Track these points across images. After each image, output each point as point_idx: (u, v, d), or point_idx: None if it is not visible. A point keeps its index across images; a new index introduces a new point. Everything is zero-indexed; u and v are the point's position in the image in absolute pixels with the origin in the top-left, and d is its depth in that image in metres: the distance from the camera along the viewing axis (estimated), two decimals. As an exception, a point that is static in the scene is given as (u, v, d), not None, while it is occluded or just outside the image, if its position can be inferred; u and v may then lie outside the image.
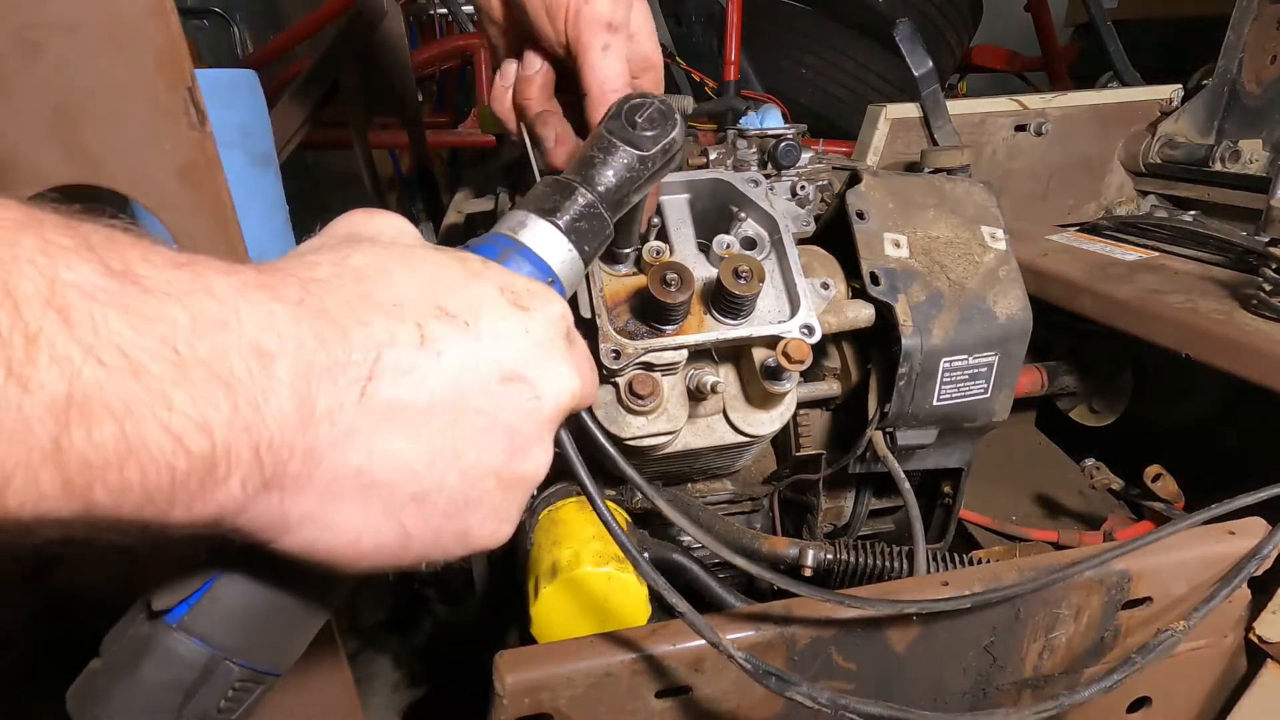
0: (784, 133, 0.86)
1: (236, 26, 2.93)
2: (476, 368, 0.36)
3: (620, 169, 0.49)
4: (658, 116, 0.50)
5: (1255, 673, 0.72)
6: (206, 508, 0.31)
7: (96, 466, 0.27)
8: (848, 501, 0.94)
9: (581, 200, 0.47)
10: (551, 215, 0.46)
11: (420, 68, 2.28)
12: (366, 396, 0.33)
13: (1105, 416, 1.15)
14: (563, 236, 0.45)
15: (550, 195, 0.47)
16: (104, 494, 0.28)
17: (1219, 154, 1.18)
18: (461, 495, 0.37)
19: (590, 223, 0.47)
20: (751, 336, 0.70)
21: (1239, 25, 1.20)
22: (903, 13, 2.22)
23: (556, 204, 0.46)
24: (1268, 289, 0.80)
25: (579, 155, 0.50)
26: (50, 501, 0.27)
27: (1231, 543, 0.67)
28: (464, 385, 0.36)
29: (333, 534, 0.35)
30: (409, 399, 0.35)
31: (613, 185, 0.48)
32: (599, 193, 0.48)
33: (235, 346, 0.30)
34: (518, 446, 0.39)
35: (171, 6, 0.39)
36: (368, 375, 0.33)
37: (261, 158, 0.98)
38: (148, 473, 0.28)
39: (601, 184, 0.48)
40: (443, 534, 0.38)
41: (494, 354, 0.37)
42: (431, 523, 0.37)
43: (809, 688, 0.52)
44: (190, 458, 0.29)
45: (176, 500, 0.30)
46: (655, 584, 0.50)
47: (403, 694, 1.08)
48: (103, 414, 0.27)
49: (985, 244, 0.80)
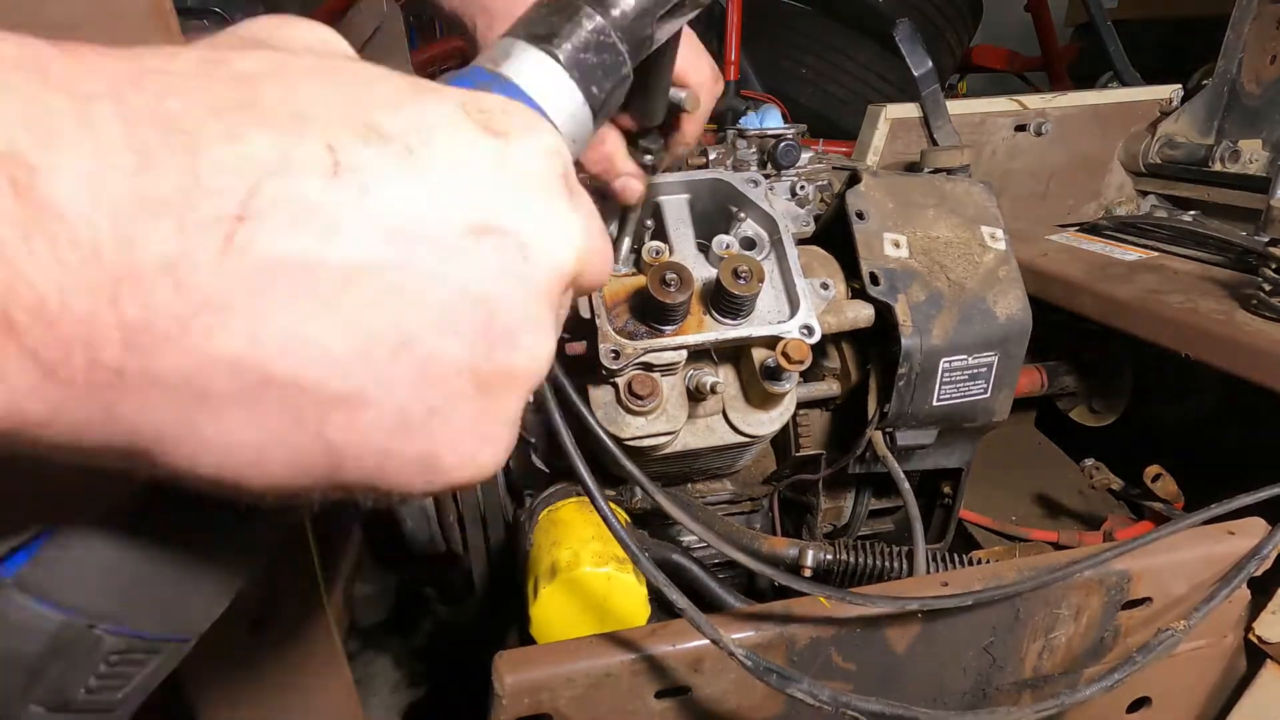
0: (783, 133, 0.86)
1: (236, 27, 2.93)
2: (427, 213, 0.24)
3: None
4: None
5: (1255, 673, 0.72)
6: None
7: None
8: (847, 502, 0.94)
9: (589, 24, 0.34)
10: (546, 42, 0.33)
11: (420, 68, 2.28)
12: (236, 248, 0.21)
13: (1105, 416, 1.15)
14: (562, 71, 0.33)
15: (546, 17, 0.34)
16: None
17: (1219, 154, 1.18)
18: (419, 401, 0.25)
19: (601, 55, 0.34)
20: (751, 337, 0.70)
21: (1239, 25, 1.20)
22: (903, 13, 2.22)
23: (554, 27, 0.34)
24: (1267, 289, 0.80)
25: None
26: None
27: (1231, 543, 0.67)
28: (406, 235, 0.24)
29: (216, 452, 0.24)
30: (311, 253, 0.22)
31: (631, 5, 0.35)
32: (612, 16, 0.35)
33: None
34: (501, 329, 0.26)
35: (170, 8, 0.39)
36: (236, 214, 0.21)
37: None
38: None
39: (616, 2, 0.35)
40: (393, 457, 0.26)
41: (455, 192, 0.25)
42: (373, 440, 0.25)
43: (810, 685, 0.52)
44: None
45: None
46: (655, 580, 0.50)
47: (403, 694, 1.08)
48: None
49: (985, 244, 0.80)
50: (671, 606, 0.52)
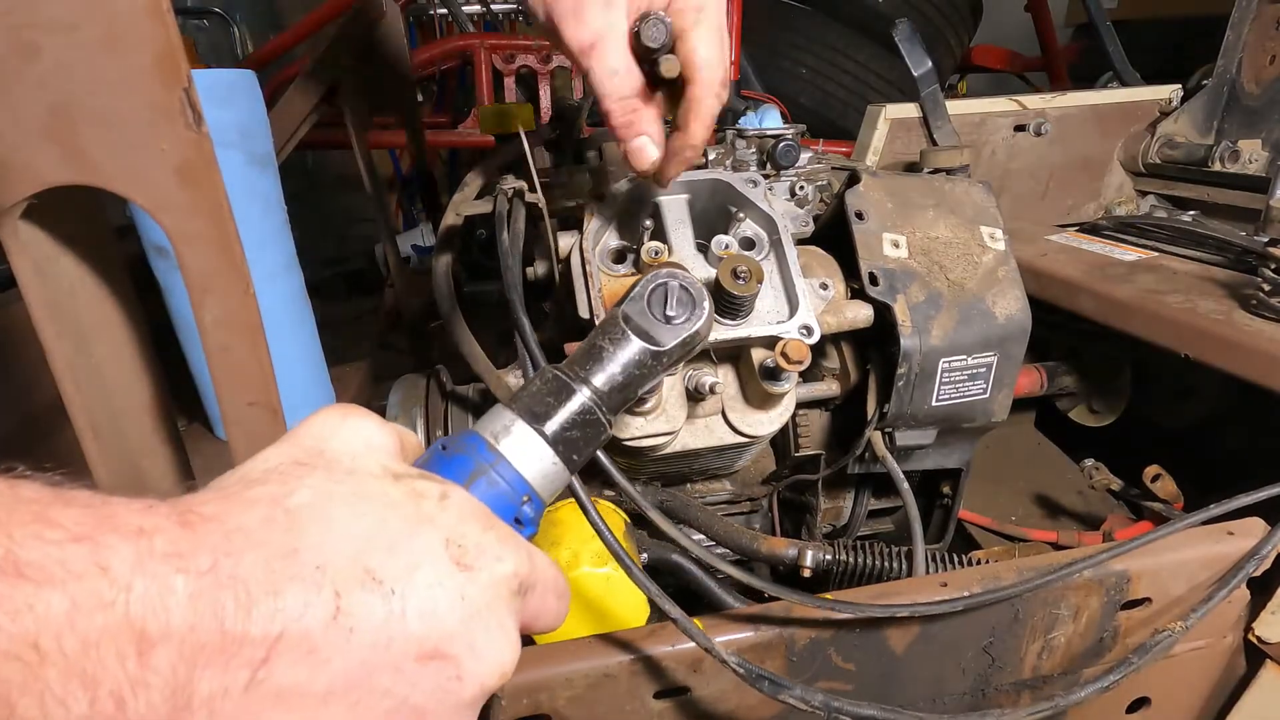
0: (783, 133, 0.86)
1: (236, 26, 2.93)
2: (389, 645, 0.32)
3: (629, 365, 0.44)
4: (685, 300, 0.45)
5: (1254, 673, 0.72)
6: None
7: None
8: (847, 502, 0.94)
9: (576, 404, 0.42)
10: (540, 422, 0.41)
11: (420, 68, 2.28)
12: (255, 683, 0.30)
13: (1105, 416, 1.15)
14: (548, 448, 0.41)
15: (543, 396, 0.42)
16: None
17: (1218, 154, 1.18)
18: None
19: (584, 430, 0.42)
20: (750, 337, 0.70)
21: (1239, 25, 1.20)
22: (903, 13, 2.22)
23: (548, 409, 0.41)
24: (1267, 289, 0.80)
25: (585, 342, 0.45)
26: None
27: (1230, 543, 0.67)
28: (372, 664, 0.32)
29: None
30: (305, 684, 0.31)
31: (619, 383, 0.43)
32: (600, 393, 0.43)
33: (113, 632, 0.27)
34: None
35: (168, 7, 0.39)
36: (263, 658, 0.30)
37: (260, 158, 0.98)
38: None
39: (605, 382, 0.43)
40: None
41: (414, 629, 0.33)
42: None
43: (802, 691, 0.52)
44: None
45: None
46: (646, 590, 0.50)
47: (402, 694, 1.08)
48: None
49: (984, 244, 0.80)
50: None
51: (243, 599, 0.30)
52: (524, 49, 2.29)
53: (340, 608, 0.31)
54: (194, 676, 0.29)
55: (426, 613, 0.33)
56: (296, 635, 0.30)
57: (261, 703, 0.30)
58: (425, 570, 0.34)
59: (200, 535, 0.30)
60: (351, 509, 0.34)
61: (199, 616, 0.29)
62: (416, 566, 0.34)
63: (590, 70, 0.60)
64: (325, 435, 0.38)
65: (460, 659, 0.34)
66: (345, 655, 0.32)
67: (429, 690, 0.34)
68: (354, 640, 0.32)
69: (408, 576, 0.33)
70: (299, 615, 0.31)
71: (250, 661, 0.30)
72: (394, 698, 0.33)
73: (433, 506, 0.36)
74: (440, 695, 0.34)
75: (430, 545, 0.35)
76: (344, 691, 0.32)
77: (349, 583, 0.32)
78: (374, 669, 0.32)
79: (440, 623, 0.34)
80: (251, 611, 0.30)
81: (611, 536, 0.50)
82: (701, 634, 0.51)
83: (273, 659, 0.30)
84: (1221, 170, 1.19)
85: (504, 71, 2.29)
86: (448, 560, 0.35)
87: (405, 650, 0.33)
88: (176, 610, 0.28)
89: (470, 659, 0.35)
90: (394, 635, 0.33)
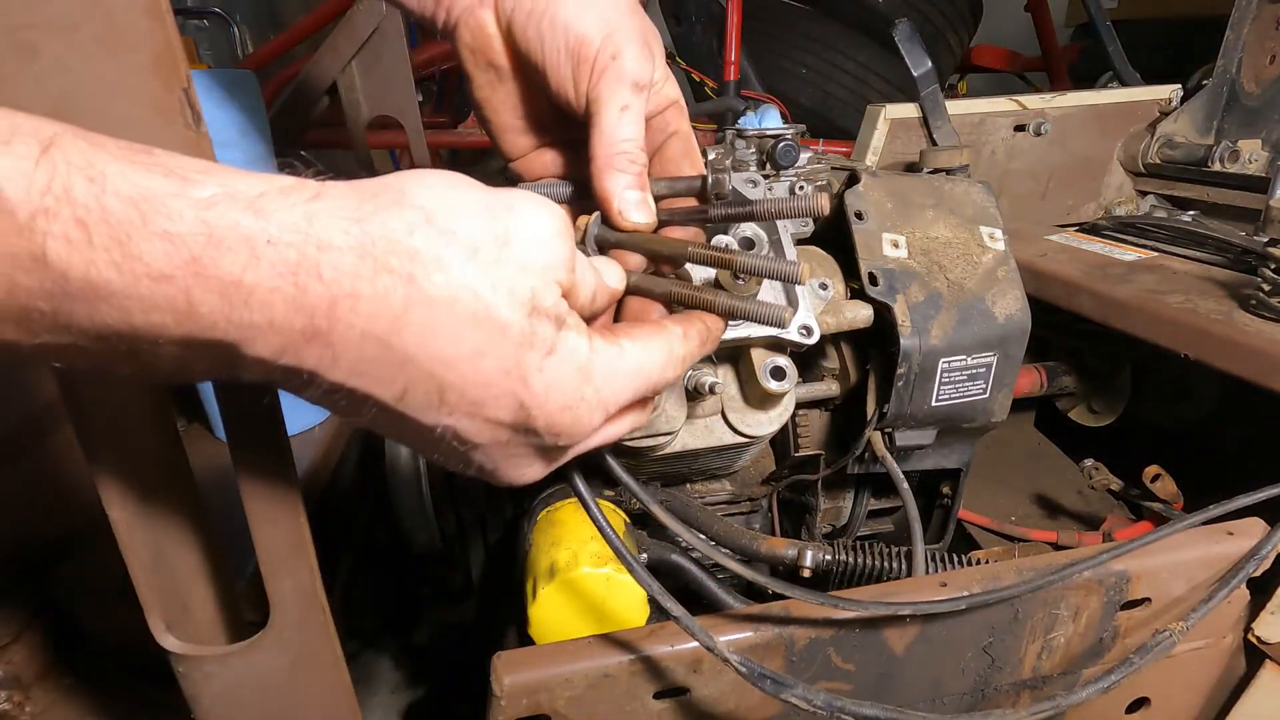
0: (783, 133, 0.86)
1: (236, 26, 2.93)
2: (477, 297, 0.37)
3: None
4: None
5: (1254, 673, 0.72)
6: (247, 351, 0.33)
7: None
8: (846, 502, 0.94)
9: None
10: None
11: (420, 68, 2.28)
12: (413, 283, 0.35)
13: (1104, 417, 1.15)
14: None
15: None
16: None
17: (1218, 154, 1.18)
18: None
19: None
20: (750, 337, 0.70)
21: (1238, 25, 1.20)
22: (903, 13, 2.22)
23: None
24: (1266, 289, 0.80)
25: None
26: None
27: (1230, 543, 0.67)
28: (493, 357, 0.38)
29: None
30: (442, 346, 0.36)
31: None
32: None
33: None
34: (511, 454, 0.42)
35: (167, 7, 0.39)
36: (409, 273, 0.35)
37: (259, 158, 0.98)
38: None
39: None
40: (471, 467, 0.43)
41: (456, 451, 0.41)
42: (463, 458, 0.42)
43: (804, 690, 0.52)
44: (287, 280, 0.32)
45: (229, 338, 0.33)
46: (648, 587, 0.50)
47: (403, 694, 1.08)
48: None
49: (984, 244, 0.80)
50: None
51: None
52: (524, 49, 2.29)
53: (404, 397, 0.37)
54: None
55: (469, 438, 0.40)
56: (375, 400, 0.36)
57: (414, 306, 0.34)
58: (488, 418, 0.39)
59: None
60: (461, 323, 0.36)
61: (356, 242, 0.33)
62: (480, 410, 0.38)
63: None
64: (513, 226, 0.38)
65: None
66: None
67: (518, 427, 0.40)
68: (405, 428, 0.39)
69: (468, 415, 0.38)
70: (374, 386, 0.36)
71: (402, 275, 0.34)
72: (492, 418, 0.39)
73: (532, 359, 0.38)
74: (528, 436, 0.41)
75: (502, 408, 0.38)
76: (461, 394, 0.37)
77: (417, 389, 0.36)
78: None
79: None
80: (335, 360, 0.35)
81: (613, 533, 0.50)
82: (703, 631, 0.51)
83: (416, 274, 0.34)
84: (1221, 170, 1.19)
85: (504, 71, 2.28)
86: (510, 423, 0.39)
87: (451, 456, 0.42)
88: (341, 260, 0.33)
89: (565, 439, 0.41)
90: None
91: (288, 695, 0.58)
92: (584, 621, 0.65)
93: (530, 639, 0.66)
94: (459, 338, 0.35)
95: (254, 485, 0.49)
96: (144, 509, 0.50)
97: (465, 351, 0.35)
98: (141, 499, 0.50)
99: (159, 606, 0.53)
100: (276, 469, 0.50)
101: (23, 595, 0.80)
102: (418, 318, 0.34)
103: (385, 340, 0.34)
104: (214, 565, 0.55)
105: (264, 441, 0.48)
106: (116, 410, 0.47)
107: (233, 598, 0.57)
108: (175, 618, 0.54)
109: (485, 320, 0.36)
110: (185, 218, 0.30)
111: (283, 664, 0.56)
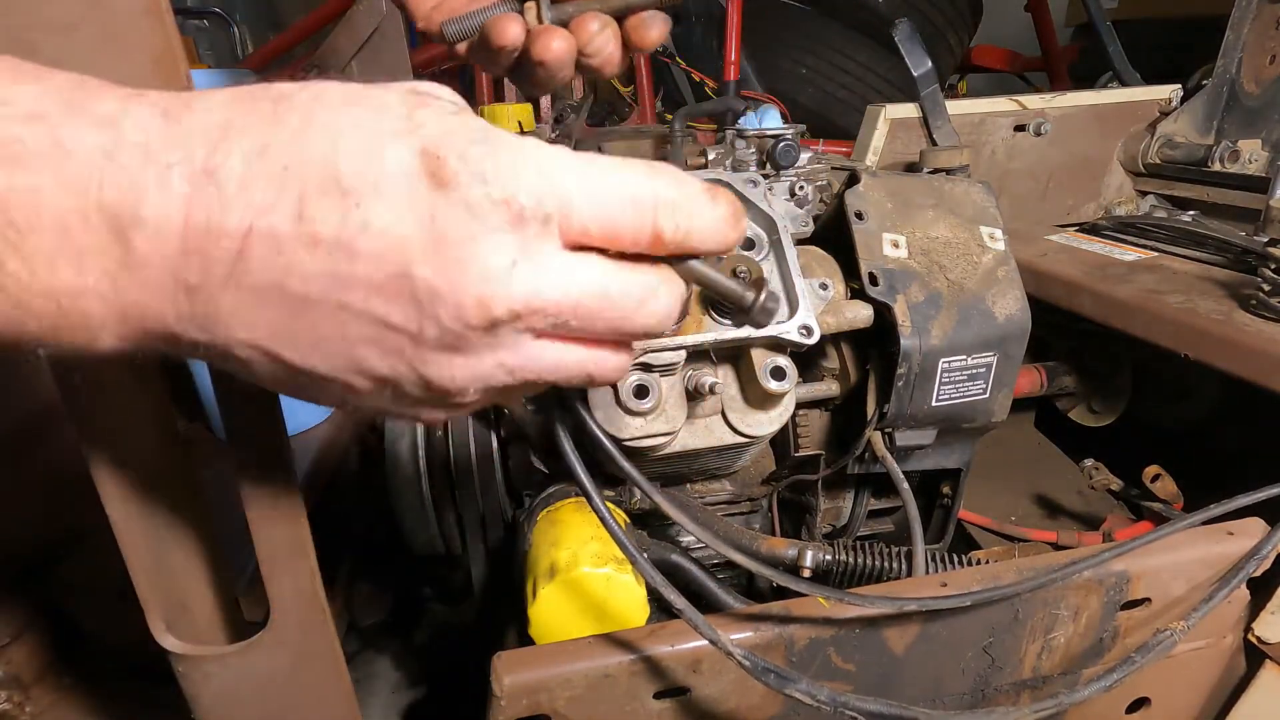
0: (783, 133, 0.86)
1: (236, 26, 2.93)
2: (353, 259, 0.31)
3: None
4: None
5: (1254, 673, 0.72)
6: (91, 350, 0.32)
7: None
8: (846, 502, 0.94)
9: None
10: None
11: (420, 68, 2.28)
12: (233, 276, 0.30)
13: (1105, 417, 1.15)
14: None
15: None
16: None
17: (1218, 154, 1.18)
18: (346, 385, 0.34)
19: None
20: (750, 337, 0.70)
21: (1238, 25, 1.20)
22: (903, 13, 2.22)
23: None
24: (1266, 289, 0.80)
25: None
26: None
27: (1230, 543, 0.67)
28: (343, 277, 0.31)
29: (250, 379, 0.35)
30: (280, 283, 0.31)
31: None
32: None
33: (83, 214, 0.29)
34: (412, 353, 0.33)
35: (167, 7, 0.39)
36: (238, 250, 0.30)
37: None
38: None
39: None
40: (348, 404, 0.36)
41: (379, 247, 0.31)
42: (331, 397, 0.36)
43: (808, 685, 0.52)
44: (40, 320, 0.31)
45: (45, 345, 0.32)
46: (653, 580, 0.50)
47: (403, 694, 1.08)
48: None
49: (984, 244, 0.80)
50: (670, 607, 0.52)
51: (213, 196, 0.30)
52: (524, 49, 2.29)
53: (303, 214, 0.30)
54: (181, 264, 0.30)
55: (390, 230, 0.31)
56: (264, 232, 0.30)
57: (243, 297, 0.31)
58: (394, 184, 0.31)
59: (183, 128, 0.30)
60: (336, 110, 0.31)
61: (171, 208, 0.29)
62: (385, 178, 0.31)
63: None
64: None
65: (431, 283, 0.31)
66: (313, 261, 0.31)
67: (409, 311, 0.32)
68: (320, 248, 0.30)
69: (375, 189, 0.31)
70: (265, 213, 0.30)
71: (228, 253, 0.30)
72: (375, 314, 0.32)
73: (426, 114, 0.32)
74: (421, 319, 0.32)
75: (403, 158, 0.31)
76: (320, 299, 0.31)
77: (313, 188, 0.30)
78: (346, 283, 0.31)
79: (404, 243, 0.31)
80: (224, 208, 0.30)
81: (616, 526, 0.50)
82: (706, 624, 0.51)
83: (246, 253, 0.30)
84: (1221, 170, 1.18)
85: (504, 71, 2.28)
86: (420, 175, 0.31)
87: (372, 269, 0.31)
88: (150, 202, 0.29)
89: (442, 284, 0.31)
90: (358, 250, 0.31)
91: (288, 695, 0.58)
92: (584, 621, 0.65)
93: (530, 639, 0.66)
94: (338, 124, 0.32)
95: (254, 485, 0.49)
96: (144, 509, 0.50)
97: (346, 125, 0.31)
98: (141, 499, 0.50)
99: (159, 606, 0.53)
100: (276, 469, 0.50)
101: (23, 595, 0.80)
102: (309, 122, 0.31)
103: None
104: (214, 565, 0.55)
105: (264, 441, 0.49)
106: (116, 410, 0.47)
107: (233, 598, 0.57)
108: (175, 618, 0.54)
109: (360, 97, 0.32)
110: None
111: (283, 664, 0.56)
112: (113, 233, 0.29)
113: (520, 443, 0.85)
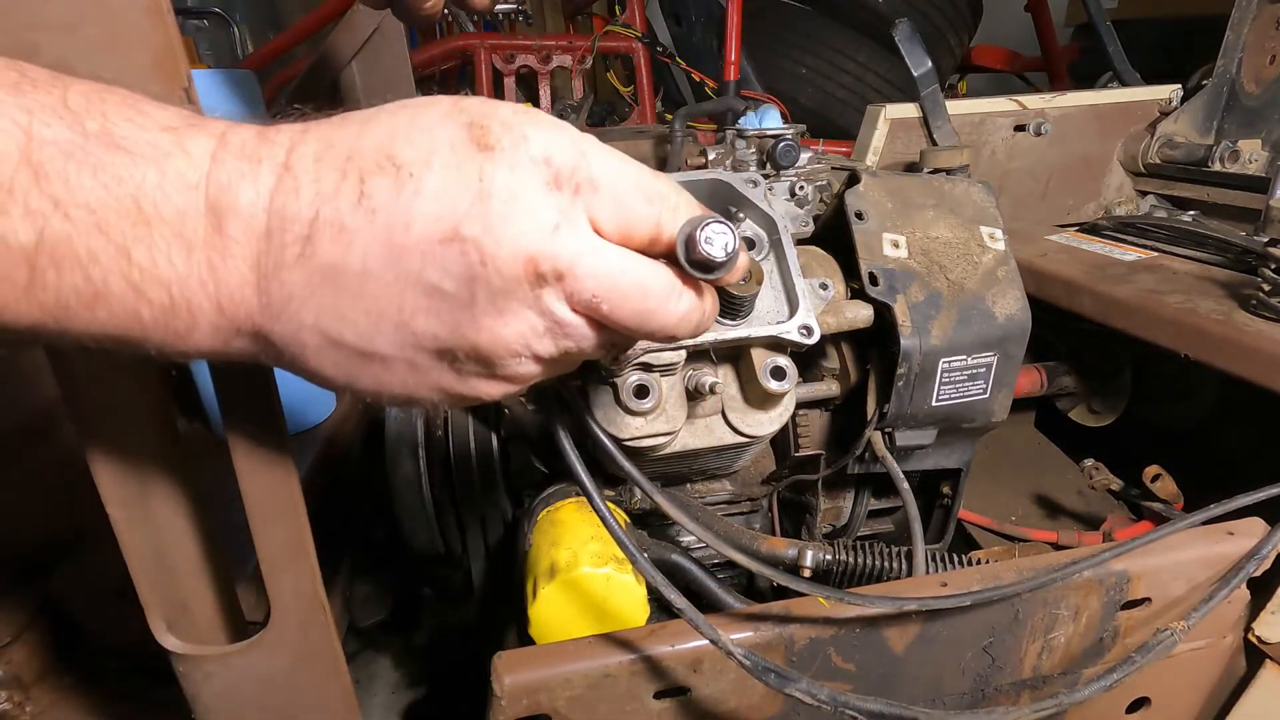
0: (783, 133, 0.86)
1: (236, 26, 2.93)
2: (408, 227, 0.34)
3: None
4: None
5: (1254, 673, 0.72)
6: (187, 345, 0.35)
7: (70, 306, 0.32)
8: (846, 502, 0.94)
9: None
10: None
11: (420, 68, 2.28)
12: (303, 257, 0.34)
13: (1105, 417, 1.15)
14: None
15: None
16: (82, 327, 0.33)
17: (1218, 154, 1.18)
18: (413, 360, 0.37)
19: None
20: (750, 337, 0.70)
21: (1238, 25, 1.20)
22: (903, 13, 2.22)
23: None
24: (1266, 289, 0.80)
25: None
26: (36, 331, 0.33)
27: (1230, 543, 0.67)
28: (399, 246, 0.34)
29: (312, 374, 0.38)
30: (343, 261, 0.34)
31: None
32: None
33: (196, 208, 0.33)
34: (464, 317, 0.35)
35: (168, 7, 0.39)
36: (306, 235, 0.34)
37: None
38: (115, 316, 0.33)
39: None
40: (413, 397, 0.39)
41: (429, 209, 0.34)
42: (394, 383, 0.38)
43: (808, 684, 0.52)
44: (152, 307, 0.33)
45: (150, 340, 0.35)
46: (653, 579, 0.50)
47: (403, 694, 1.08)
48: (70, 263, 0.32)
49: (984, 244, 0.80)
50: (670, 607, 0.52)
51: (290, 185, 0.34)
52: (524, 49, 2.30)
53: (363, 191, 0.34)
54: (262, 249, 0.34)
55: (441, 193, 0.34)
56: (329, 215, 0.34)
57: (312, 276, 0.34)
58: (443, 154, 0.34)
59: (273, 138, 0.35)
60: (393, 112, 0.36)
61: (258, 200, 0.34)
62: (435, 151, 0.34)
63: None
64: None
65: (479, 241, 0.34)
66: (371, 235, 0.34)
67: (460, 275, 0.34)
68: (377, 221, 0.34)
69: (427, 160, 0.34)
70: (330, 198, 0.34)
71: (298, 238, 0.34)
72: (428, 281, 0.34)
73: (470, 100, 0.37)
74: (472, 281, 0.34)
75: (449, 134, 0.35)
76: (380, 271, 0.34)
77: (370, 168, 0.34)
78: (402, 251, 0.34)
79: (454, 203, 0.34)
80: (299, 193, 0.34)
81: (617, 526, 0.50)
82: (707, 624, 0.51)
83: (314, 236, 0.34)
84: (1221, 170, 1.18)
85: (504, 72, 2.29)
86: (466, 144, 0.35)
87: (426, 233, 0.34)
88: (241, 195, 0.33)
89: (489, 241, 0.34)
90: (412, 218, 0.34)
91: (288, 695, 0.58)
92: (584, 621, 0.65)
93: (530, 639, 0.66)
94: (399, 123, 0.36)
95: (254, 485, 0.49)
96: (144, 509, 0.50)
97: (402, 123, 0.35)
98: (141, 499, 0.50)
99: (159, 606, 0.53)
100: (276, 469, 0.50)
101: (23, 595, 0.80)
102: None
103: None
104: (214, 565, 0.55)
105: (264, 441, 0.49)
106: (116, 410, 0.47)
107: (233, 598, 0.57)
108: (175, 617, 0.54)
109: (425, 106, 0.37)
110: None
111: (283, 664, 0.56)
112: (213, 223, 0.33)
113: (520, 443, 0.85)
